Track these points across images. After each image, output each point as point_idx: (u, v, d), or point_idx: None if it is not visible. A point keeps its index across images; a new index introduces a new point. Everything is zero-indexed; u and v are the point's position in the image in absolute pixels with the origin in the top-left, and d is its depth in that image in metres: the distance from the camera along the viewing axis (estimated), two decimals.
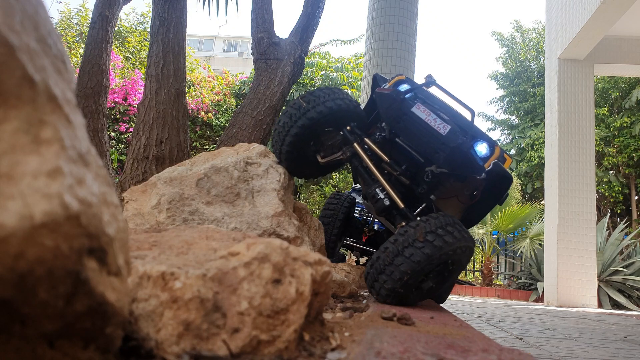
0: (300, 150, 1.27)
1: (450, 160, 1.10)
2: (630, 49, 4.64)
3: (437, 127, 1.09)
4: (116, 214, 0.36)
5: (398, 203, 1.13)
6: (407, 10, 3.53)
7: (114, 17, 2.46)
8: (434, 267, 0.96)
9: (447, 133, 1.08)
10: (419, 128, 1.12)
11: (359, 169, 1.25)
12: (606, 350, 1.47)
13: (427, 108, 1.13)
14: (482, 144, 1.10)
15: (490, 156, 1.09)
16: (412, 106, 1.14)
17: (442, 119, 1.11)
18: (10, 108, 0.31)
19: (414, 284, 0.95)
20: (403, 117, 1.15)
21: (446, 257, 0.95)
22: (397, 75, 1.28)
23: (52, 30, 0.36)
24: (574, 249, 4.32)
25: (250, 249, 0.48)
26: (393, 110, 1.17)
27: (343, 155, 1.27)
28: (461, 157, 1.08)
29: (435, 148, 1.11)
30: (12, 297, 0.30)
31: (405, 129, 1.17)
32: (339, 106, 1.24)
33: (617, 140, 7.32)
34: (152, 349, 0.41)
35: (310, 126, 1.22)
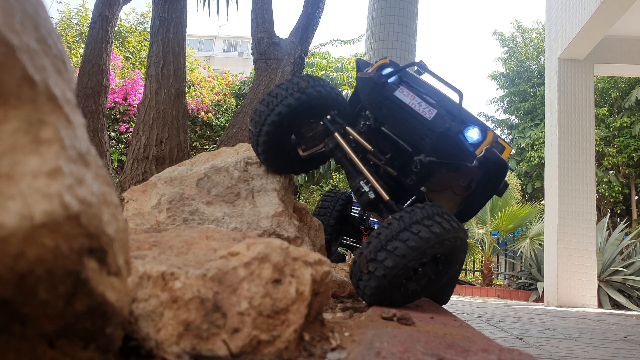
0: (279, 142, 1.17)
1: (437, 147, 1.01)
2: (630, 49, 4.64)
3: (422, 111, 1.00)
4: (116, 214, 0.36)
5: (383, 196, 1.04)
6: (407, 10, 3.53)
7: (114, 17, 2.46)
8: (422, 261, 0.87)
9: (433, 117, 0.99)
10: (403, 113, 1.02)
11: (342, 161, 1.15)
12: (606, 350, 1.47)
13: (412, 92, 1.04)
14: (473, 129, 1.00)
15: (482, 142, 0.99)
16: (394, 90, 1.05)
17: (428, 102, 1.02)
18: (11, 108, 0.31)
19: (402, 281, 0.88)
20: (386, 103, 1.06)
21: (435, 250, 0.86)
22: (381, 59, 1.18)
23: (52, 30, 0.36)
24: (574, 249, 4.32)
25: (250, 249, 0.48)
26: (375, 95, 1.07)
27: (325, 147, 1.17)
28: (449, 144, 0.99)
29: (422, 134, 1.01)
30: (12, 297, 0.30)
31: (389, 115, 1.08)
32: (319, 93, 1.13)
33: (617, 140, 7.32)
34: (152, 349, 0.41)
35: (288, 115, 1.11)
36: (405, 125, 1.04)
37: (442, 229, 0.86)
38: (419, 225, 0.85)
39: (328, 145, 1.18)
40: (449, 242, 0.88)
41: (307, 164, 1.30)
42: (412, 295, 0.94)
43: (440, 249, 0.87)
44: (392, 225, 0.86)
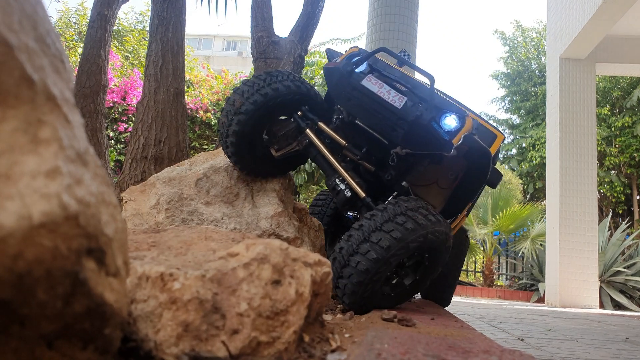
0: (249, 142, 1.10)
1: (410, 138, 0.94)
2: (631, 49, 4.62)
3: (392, 100, 0.94)
4: (115, 214, 0.35)
5: (359, 193, 0.99)
6: (408, 9, 3.53)
7: (112, 16, 2.46)
8: (401, 260, 0.82)
9: (403, 106, 0.92)
10: (372, 103, 0.96)
11: (317, 159, 1.09)
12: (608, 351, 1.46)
13: (380, 79, 0.98)
14: (450, 116, 0.93)
15: (460, 129, 0.92)
16: (362, 79, 0.98)
17: (398, 90, 0.96)
18: (9, 108, 0.31)
19: (381, 284, 0.83)
20: (354, 93, 0.99)
21: (413, 248, 0.81)
22: (351, 48, 1.12)
23: (51, 30, 0.36)
24: (576, 250, 4.30)
25: (250, 250, 0.48)
26: (342, 86, 1.01)
27: (299, 145, 1.14)
28: (422, 133, 0.92)
29: (393, 125, 0.94)
30: (11, 297, 0.29)
31: (358, 107, 1.00)
32: (288, 88, 1.07)
33: (619, 140, 7.30)
34: (151, 350, 0.41)
35: (255, 112, 1.05)
36: (376, 116, 0.98)
37: (417, 225, 0.81)
38: (391, 223, 0.80)
39: (301, 144, 1.12)
40: (429, 238, 0.83)
41: (283, 164, 1.23)
42: (396, 298, 0.88)
43: (422, 246, 0.82)
44: (364, 227, 0.82)
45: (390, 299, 0.88)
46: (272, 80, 1.08)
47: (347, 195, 1.02)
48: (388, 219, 0.82)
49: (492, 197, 5.93)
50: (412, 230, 0.81)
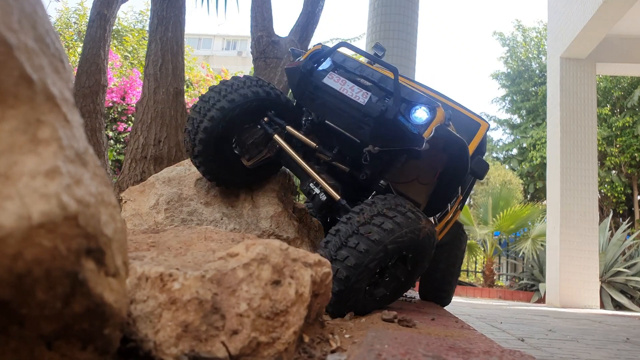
0: (217, 151, 1.06)
1: (378, 134, 0.90)
2: (632, 48, 4.61)
3: (355, 96, 0.90)
4: (114, 214, 0.35)
5: (334, 196, 0.95)
6: (408, 8, 3.52)
7: (112, 16, 2.46)
8: (383, 264, 0.80)
9: (368, 101, 0.89)
10: (336, 102, 0.93)
11: (290, 165, 1.08)
12: (608, 351, 1.46)
13: (342, 76, 0.94)
14: (420, 109, 0.90)
15: (430, 121, 0.89)
16: (323, 77, 0.95)
17: (362, 86, 0.92)
18: (8, 107, 0.31)
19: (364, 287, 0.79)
20: (317, 92, 0.96)
21: (393, 250, 0.78)
22: (314, 45, 1.08)
23: (50, 29, 0.36)
24: (576, 250, 4.30)
25: (249, 250, 0.48)
26: (304, 86, 0.98)
27: (270, 152, 1.10)
28: (390, 128, 0.88)
29: (359, 122, 0.91)
30: (10, 298, 0.29)
31: (322, 106, 0.97)
32: (256, 94, 1.04)
33: (620, 140, 7.29)
34: (150, 351, 0.41)
35: (222, 119, 1.01)
36: (341, 115, 0.94)
37: (396, 224, 0.77)
38: (367, 226, 0.77)
39: (272, 150, 1.09)
40: (409, 237, 0.79)
41: (258, 174, 1.17)
42: (380, 301, 0.86)
43: (402, 245, 0.79)
44: (341, 232, 0.80)
45: (376, 302, 0.86)
46: (239, 86, 1.06)
47: (322, 199, 0.98)
48: (365, 221, 0.79)
49: (493, 197, 5.92)
50: (391, 231, 0.78)
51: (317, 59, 0.99)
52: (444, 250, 1.51)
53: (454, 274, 1.56)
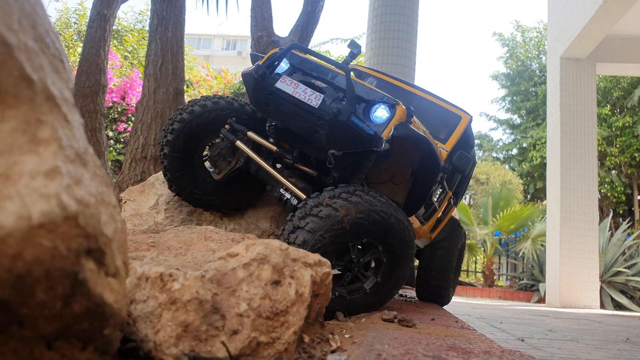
0: (184, 165, 1.06)
1: (334, 137, 0.87)
2: (632, 48, 4.61)
3: (308, 99, 0.88)
4: (114, 214, 0.35)
5: (300, 197, 0.93)
6: (408, 8, 3.52)
7: (112, 16, 2.46)
8: (340, 243, 0.75)
9: (321, 104, 0.87)
10: (289, 106, 0.90)
11: (258, 172, 1.04)
12: (608, 351, 1.46)
13: (295, 79, 0.92)
14: (380, 108, 0.87)
15: (390, 119, 0.86)
16: (276, 81, 0.92)
17: (316, 88, 0.90)
18: (8, 107, 0.31)
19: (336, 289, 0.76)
20: (270, 97, 0.93)
21: (343, 230, 0.74)
22: (272, 50, 1.04)
23: (50, 29, 0.36)
24: (576, 250, 4.30)
25: (249, 250, 0.48)
26: (258, 91, 0.95)
27: (238, 162, 1.07)
28: (344, 131, 0.85)
29: (314, 126, 0.88)
30: (10, 298, 0.29)
31: (277, 111, 0.93)
32: (216, 104, 1.04)
33: (620, 140, 7.29)
34: (150, 351, 0.41)
35: (182, 130, 1.03)
36: (296, 119, 0.91)
37: (350, 204, 0.74)
38: (322, 207, 0.75)
39: (240, 160, 1.06)
40: (365, 217, 0.74)
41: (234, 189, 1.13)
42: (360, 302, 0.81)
43: (355, 227, 0.74)
44: (295, 216, 0.78)
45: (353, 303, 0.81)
46: (202, 99, 1.07)
47: (294, 203, 0.95)
48: (318, 203, 0.77)
49: (493, 197, 5.92)
50: (340, 210, 0.75)
51: (269, 63, 0.97)
52: (439, 249, 1.49)
53: (451, 273, 1.53)
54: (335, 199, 0.78)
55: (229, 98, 1.10)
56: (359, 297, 0.83)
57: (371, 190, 0.82)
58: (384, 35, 3.54)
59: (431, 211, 1.29)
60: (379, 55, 3.56)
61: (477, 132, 9.86)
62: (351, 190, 0.81)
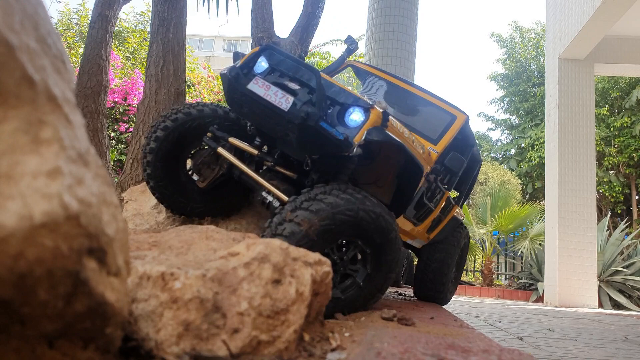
0: (168, 173, 1.05)
1: (303, 142, 0.85)
2: (630, 49, 4.64)
3: (278, 102, 0.86)
4: (116, 214, 0.35)
5: (282, 198, 0.91)
6: (408, 10, 3.53)
7: (113, 17, 2.46)
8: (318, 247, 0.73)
9: (290, 107, 0.84)
10: (261, 108, 0.88)
11: (242, 177, 1.02)
12: (606, 350, 1.46)
13: (268, 81, 0.89)
14: (356, 111, 0.85)
15: (363, 124, 0.83)
16: (248, 82, 0.90)
17: (287, 90, 0.87)
18: (10, 108, 0.31)
19: None
20: (243, 99, 0.91)
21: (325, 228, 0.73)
22: (253, 49, 1.01)
23: (52, 30, 0.36)
24: (575, 249, 4.31)
25: (250, 249, 0.48)
26: (231, 92, 0.93)
27: (221, 169, 1.07)
28: (313, 135, 0.83)
29: (284, 129, 0.86)
30: (12, 297, 0.29)
31: (251, 113, 0.92)
32: (200, 111, 1.03)
33: (618, 140, 7.32)
34: (151, 349, 0.41)
35: (165, 139, 1.02)
36: (268, 122, 0.89)
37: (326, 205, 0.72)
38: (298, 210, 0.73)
39: (223, 166, 1.05)
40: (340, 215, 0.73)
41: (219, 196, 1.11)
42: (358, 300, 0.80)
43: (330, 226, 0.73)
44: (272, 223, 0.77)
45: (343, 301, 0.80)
46: (185, 107, 1.06)
47: (276, 205, 0.93)
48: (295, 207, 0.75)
49: (491, 197, 5.94)
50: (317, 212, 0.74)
51: (243, 64, 0.94)
52: (437, 250, 1.48)
53: (449, 273, 1.51)
54: (297, 210, 0.76)
55: (213, 105, 1.09)
56: (354, 293, 0.82)
57: (334, 189, 0.79)
58: (384, 37, 3.55)
59: (425, 212, 1.28)
60: (379, 55, 3.56)
61: (476, 133, 9.87)
62: (312, 196, 0.78)
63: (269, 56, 0.96)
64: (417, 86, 1.45)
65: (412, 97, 1.41)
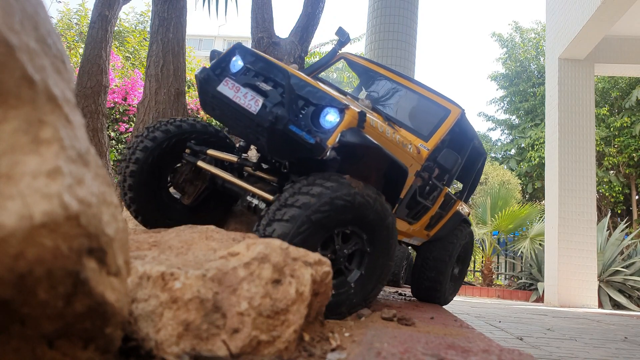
0: (150, 195, 1.01)
1: (274, 145, 0.81)
2: (630, 49, 4.64)
3: (248, 104, 0.81)
4: (116, 214, 0.35)
5: (268, 199, 0.88)
6: (408, 9, 3.53)
7: (113, 17, 2.46)
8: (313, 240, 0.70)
9: (260, 110, 0.80)
10: (232, 111, 0.84)
11: (226, 187, 0.98)
12: (606, 350, 1.46)
13: (239, 81, 0.85)
14: (331, 112, 0.80)
15: (336, 126, 0.79)
16: (218, 84, 0.86)
17: (258, 91, 0.83)
18: (10, 108, 0.31)
19: None
20: (214, 101, 0.87)
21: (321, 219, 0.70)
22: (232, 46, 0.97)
23: (52, 30, 0.36)
24: (575, 249, 4.31)
25: (250, 249, 0.48)
26: (202, 94, 0.90)
27: (203, 182, 1.04)
28: (282, 139, 0.79)
29: (255, 132, 0.82)
30: (12, 297, 0.29)
31: (222, 116, 0.88)
32: (179, 127, 1.01)
33: (618, 140, 7.33)
34: (151, 349, 0.41)
35: (145, 161, 0.98)
36: (239, 125, 0.85)
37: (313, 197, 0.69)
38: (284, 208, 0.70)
39: (206, 179, 1.02)
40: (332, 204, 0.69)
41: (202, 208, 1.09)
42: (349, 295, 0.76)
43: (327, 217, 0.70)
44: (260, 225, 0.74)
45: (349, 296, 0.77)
46: (162, 124, 1.03)
47: (262, 207, 0.90)
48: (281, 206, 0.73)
49: (491, 197, 5.94)
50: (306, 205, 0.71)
51: (214, 65, 0.90)
52: (434, 246, 1.45)
53: (447, 273, 1.47)
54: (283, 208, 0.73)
55: (191, 120, 1.07)
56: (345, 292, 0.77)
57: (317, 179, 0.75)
58: (384, 36, 3.55)
59: (420, 210, 1.24)
60: (379, 55, 3.57)
61: None
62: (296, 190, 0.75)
63: (244, 55, 0.92)
64: (410, 79, 1.40)
65: (405, 90, 1.36)
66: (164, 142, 1.01)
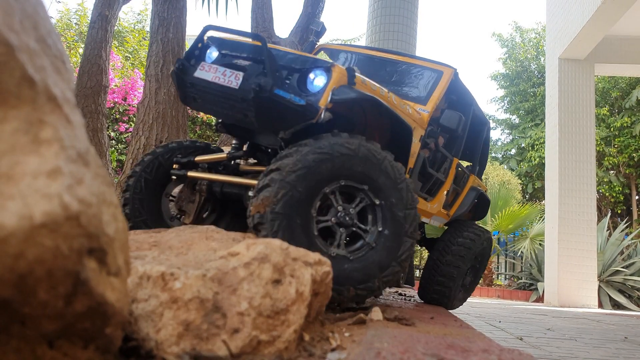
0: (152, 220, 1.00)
1: (263, 117, 0.77)
2: (630, 49, 4.64)
3: (228, 81, 0.78)
4: (116, 214, 0.35)
5: None
6: (408, 10, 3.54)
7: (113, 17, 2.47)
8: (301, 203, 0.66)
9: (241, 84, 0.77)
10: (213, 94, 0.81)
11: (224, 192, 0.94)
12: (606, 350, 1.46)
13: (215, 63, 0.82)
14: (317, 74, 0.76)
15: (327, 84, 0.75)
16: (194, 71, 0.83)
17: (237, 67, 0.80)
18: (10, 108, 0.31)
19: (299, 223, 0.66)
20: (194, 90, 0.85)
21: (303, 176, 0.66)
22: None
23: (52, 30, 0.36)
24: (575, 249, 4.32)
25: (250, 249, 0.48)
26: (181, 86, 0.87)
27: (201, 194, 0.99)
28: (271, 107, 0.75)
29: (241, 109, 0.78)
30: (12, 297, 0.29)
31: (205, 104, 0.85)
32: (165, 147, 1.00)
33: (618, 140, 7.33)
34: (152, 349, 0.41)
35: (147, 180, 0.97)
36: (222, 107, 0.82)
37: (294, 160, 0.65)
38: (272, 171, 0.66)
39: (202, 189, 0.97)
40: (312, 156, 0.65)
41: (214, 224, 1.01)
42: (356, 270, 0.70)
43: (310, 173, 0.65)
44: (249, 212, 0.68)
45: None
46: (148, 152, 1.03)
47: None
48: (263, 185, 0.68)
49: (492, 196, 5.94)
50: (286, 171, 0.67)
51: (192, 53, 0.87)
52: (449, 250, 1.37)
53: (458, 279, 1.39)
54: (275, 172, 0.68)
55: (180, 140, 1.07)
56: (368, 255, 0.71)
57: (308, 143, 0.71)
58: (384, 36, 3.55)
59: (434, 184, 1.16)
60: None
61: None
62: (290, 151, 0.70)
63: (215, 42, 0.88)
64: (395, 52, 1.35)
65: (392, 63, 1.30)
66: (151, 163, 0.99)
